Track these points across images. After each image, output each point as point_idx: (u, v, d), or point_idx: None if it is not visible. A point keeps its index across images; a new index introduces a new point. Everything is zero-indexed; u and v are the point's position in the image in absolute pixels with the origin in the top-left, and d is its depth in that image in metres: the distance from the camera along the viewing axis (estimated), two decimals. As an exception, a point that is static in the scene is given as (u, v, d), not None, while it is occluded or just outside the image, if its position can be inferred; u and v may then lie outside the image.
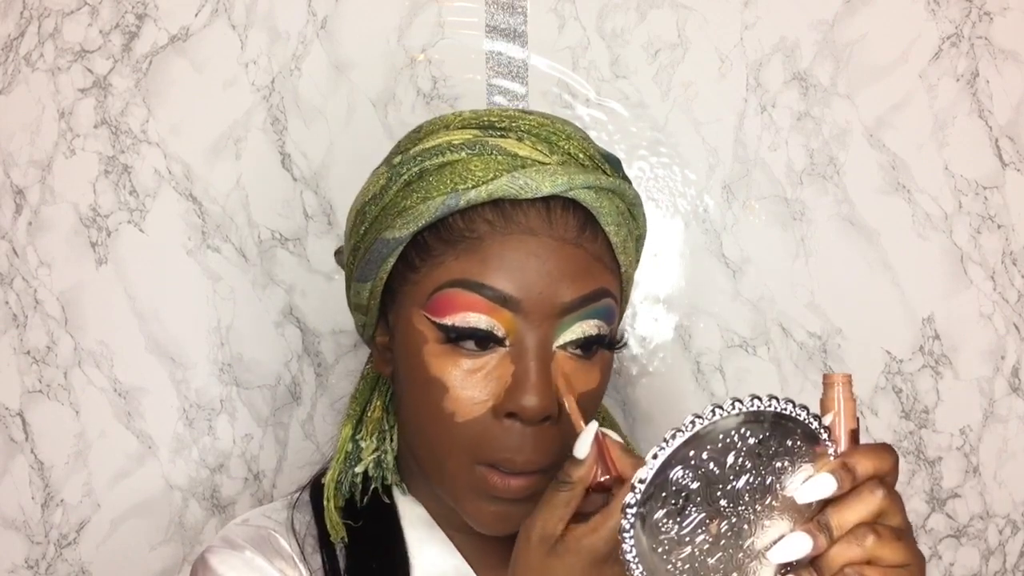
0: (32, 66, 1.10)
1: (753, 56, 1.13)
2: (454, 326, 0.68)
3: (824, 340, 1.14)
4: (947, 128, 1.14)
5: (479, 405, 0.68)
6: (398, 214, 0.70)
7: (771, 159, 1.13)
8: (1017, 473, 1.15)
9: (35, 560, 1.10)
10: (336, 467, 0.78)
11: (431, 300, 0.69)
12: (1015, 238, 1.15)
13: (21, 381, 1.10)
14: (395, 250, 0.71)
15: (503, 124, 0.71)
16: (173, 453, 1.11)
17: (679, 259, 1.14)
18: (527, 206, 0.68)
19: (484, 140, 0.70)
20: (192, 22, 1.11)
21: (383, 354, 0.77)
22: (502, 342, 0.68)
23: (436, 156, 0.70)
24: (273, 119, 1.11)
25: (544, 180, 0.68)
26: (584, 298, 0.69)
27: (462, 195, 0.68)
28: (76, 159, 1.10)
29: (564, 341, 0.69)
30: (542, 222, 0.69)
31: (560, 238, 0.69)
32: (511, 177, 0.68)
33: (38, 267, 1.10)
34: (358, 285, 0.75)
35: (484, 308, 0.67)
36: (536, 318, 0.68)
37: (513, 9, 1.12)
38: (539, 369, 0.67)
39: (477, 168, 0.69)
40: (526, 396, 0.67)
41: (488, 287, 0.67)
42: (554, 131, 0.72)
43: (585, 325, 0.69)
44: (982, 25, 1.14)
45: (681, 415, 1.13)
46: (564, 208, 0.69)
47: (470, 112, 0.73)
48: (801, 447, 0.58)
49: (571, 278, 0.69)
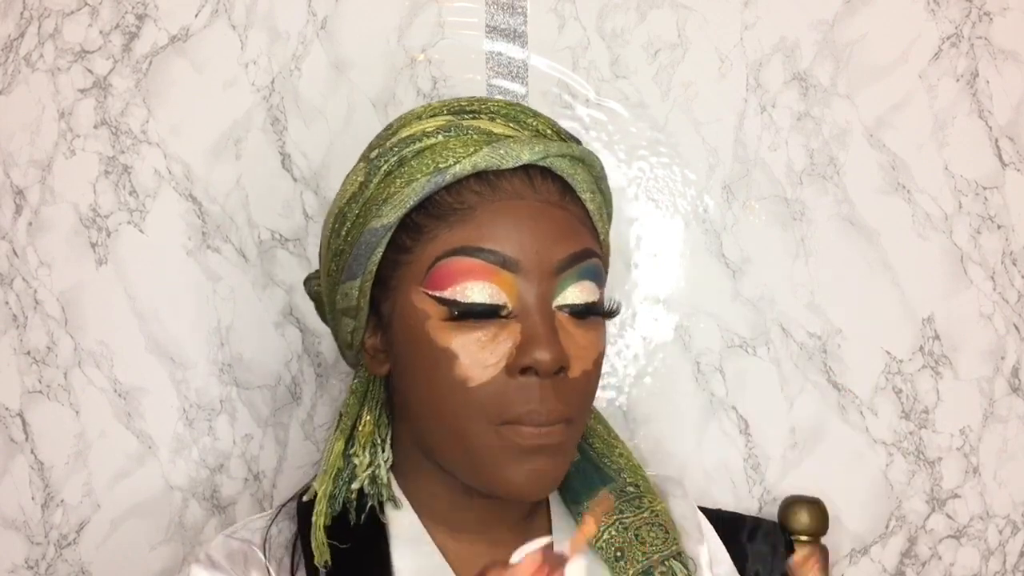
0: (32, 66, 1.10)
1: (753, 56, 1.13)
2: (456, 301, 0.69)
3: (824, 340, 1.14)
4: (947, 128, 1.14)
5: (491, 368, 0.69)
6: (383, 203, 0.72)
7: (771, 159, 1.13)
8: (1017, 473, 1.15)
9: (35, 560, 1.10)
10: (326, 483, 0.77)
11: (430, 274, 0.70)
12: (1015, 238, 1.15)
13: (21, 381, 1.10)
14: (384, 237, 0.72)
15: (473, 107, 0.75)
16: (173, 453, 1.11)
17: (679, 259, 1.14)
18: (510, 174, 0.71)
19: (458, 123, 0.73)
20: (192, 22, 1.11)
21: (375, 356, 0.77)
22: (504, 310, 0.70)
23: (414, 143, 0.72)
24: (273, 119, 1.11)
25: (523, 149, 0.71)
26: (575, 256, 0.71)
27: (447, 171, 0.70)
28: (76, 159, 1.10)
29: (562, 303, 0.71)
30: (526, 187, 0.71)
31: (546, 201, 0.72)
32: (491, 148, 0.71)
33: (38, 267, 1.10)
34: (345, 286, 0.75)
35: (484, 272, 0.69)
36: (534, 277, 0.70)
37: (513, 9, 1.12)
38: (546, 325, 0.69)
39: (457, 146, 0.71)
40: (539, 350, 0.68)
41: (487, 250, 0.69)
42: (521, 110, 0.76)
43: (579, 288, 0.72)
44: (982, 25, 1.14)
45: (681, 415, 1.13)
46: (543, 176, 0.72)
47: (439, 102, 0.76)
48: None
49: (563, 237, 0.71)
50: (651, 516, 0.79)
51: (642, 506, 0.80)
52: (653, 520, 0.79)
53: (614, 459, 0.83)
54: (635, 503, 0.80)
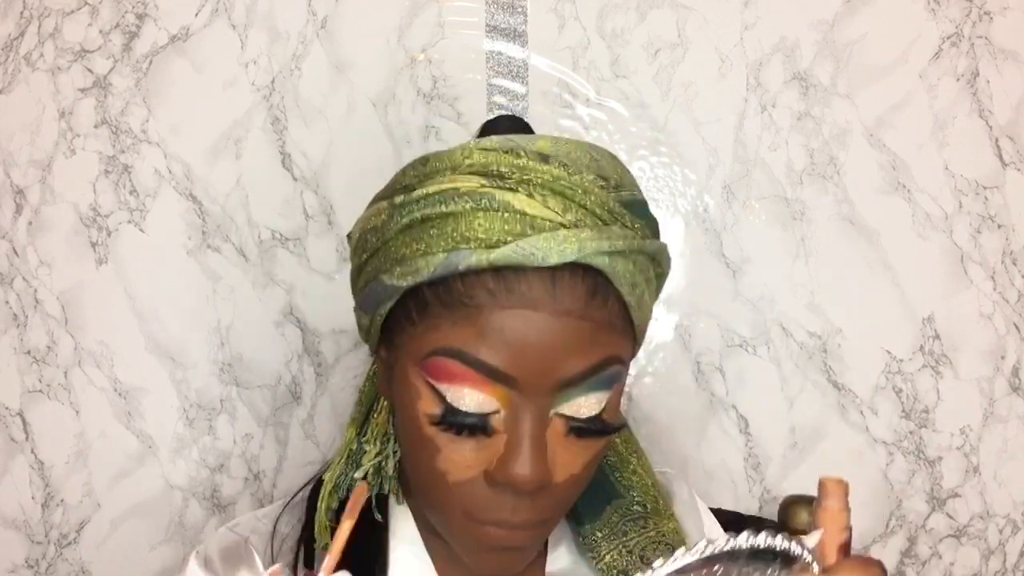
0: (32, 66, 1.10)
1: (753, 56, 1.13)
2: (447, 402, 0.65)
3: (824, 340, 1.14)
4: (947, 128, 1.14)
5: (471, 469, 0.66)
6: (397, 261, 0.66)
7: (771, 159, 1.13)
8: (1017, 473, 1.15)
9: (35, 560, 1.10)
10: (337, 468, 0.77)
11: (426, 362, 0.66)
12: (1015, 238, 1.15)
13: (21, 381, 1.10)
14: (392, 296, 0.67)
15: (514, 176, 0.65)
16: (173, 453, 1.11)
17: (679, 259, 1.14)
18: (531, 274, 0.63)
19: (491, 193, 0.64)
20: (192, 22, 1.11)
21: (386, 372, 0.74)
22: (491, 429, 0.65)
23: (439, 204, 0.65)
24: (273, 119, 1.11)
25: (552, 249, 0.63)
26: (587, 370, 0.65)
27: (463, 259, 0.63)
28: (76, 159, 1.10)
29: (562, 412, 0.66)
30: (546, 293, 0.64)
31: (564, 312, 0.64)
32: (515, 246, 0.63)
33: (38, 267, 1.10)
34: (359, 311, 0.73)
35: (477, 382, 0.64)
36: (532, 393, 0.64)
37: (513, 9, 1.12)
38: (532, 441, 0.64)
39: (481, 227, 0.64)
40: (518, 467, 0.64)
41: (483, 363, 0.64)
42: (570, 185, 0.65)
43: (584, 402, 0.66)
44: (982, 25, 1.14)
45: (681, 415, 1.14)
46: (572, 274, 0.64)
47: (479, 153, 0.66)
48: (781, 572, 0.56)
49: (574, 353, 0.64)
50: (657, 536, 0.77)
51: (647, 527, 0.77)
52: (659, 539, 0.77)
53: (626, 475, 0.81)
54: (640, 523, 0.77)
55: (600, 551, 0.76)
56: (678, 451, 1.13)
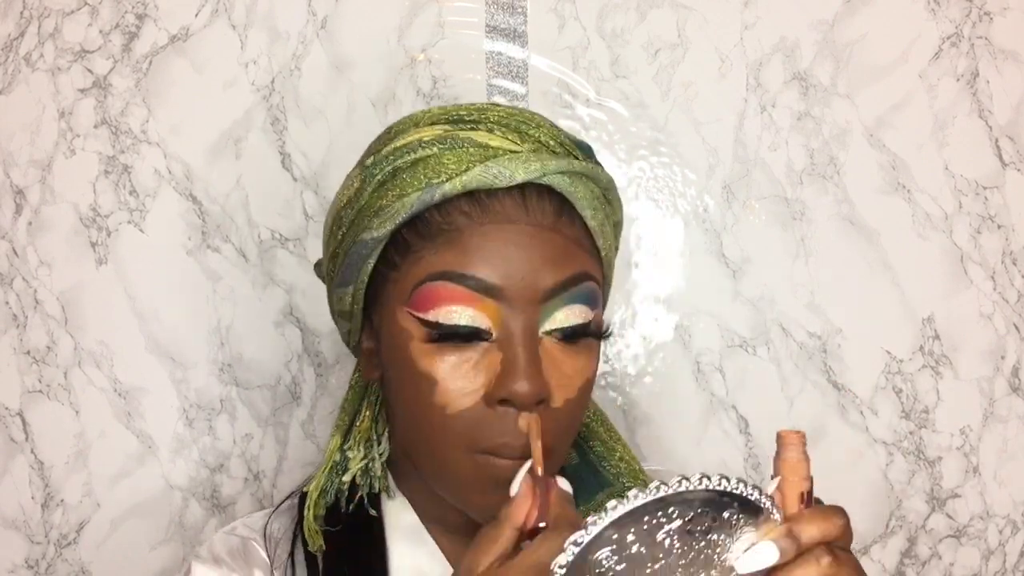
0: (32, 66, 1.10)
1: (753, 56, 1.13)
2: (438, 323, 0.68)
3: (824, 340, 1.14)
4: (947, 128, 1.14)
5: (470, 395, 0.68)
6: (374, 214, 0.70)
7: (771, 159, 1.13)
8: (1017, 473, 1.15)
9: (35, 560, 1.10)
10: (321, 477, 0.78)
11: (413, 295, 0.69)
12: (1015, 238, 1.15)
13: (21, 381, 1.10)
14: (374, 250, 0.71)
15: (472, 117, 0.72)
16: (173, 453, 1.11)
17: (679, 259, 1.14)
18: (502, 195, 0.69)
19: (455, 134, 0.71)
20: (192, 22, 1.11)
21: (370, 359, 0.76)
22: (487, 335, 0.68)
23: (408, 154, 0.70)
24: (273, 119, 1.11)
25: (517, 168, 0.68)
26: (565, 282, 0.69)
27: (436, 188, 0.68)
28: (76, 159, 1.10)
29: (549, 328, 0.69)
30: (518, 209, 0.69)
31: (537, 224, 0.69)
32: (484, 167, 0.68)
33: (38, 267, 1.10)
34: (340, 291, 0.75)
35: (467, 299, 0.67)
36: (520, 304, 0.68)
37: (513, 9, 1.12)
38: (527, 355, 0.67)
39: (450, 161, 0.69)
40: (518, 382, 0.66)
41: (470, 277, 0.67)
42: (523, 120, 0.73)
43: (569, 311, 0.69)
44: (982, 25, 1.14)
45: (681, 415, 1.14)
46: (539, 195, 0.69)
47: (438, 108, 0.74)
48: (739, 518, 0.56)
49: (552, 263, 0.69)
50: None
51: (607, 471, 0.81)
52: None
53: (614, 463, 0.83)
54: None
55: None
56: (678, 451, 1.13)
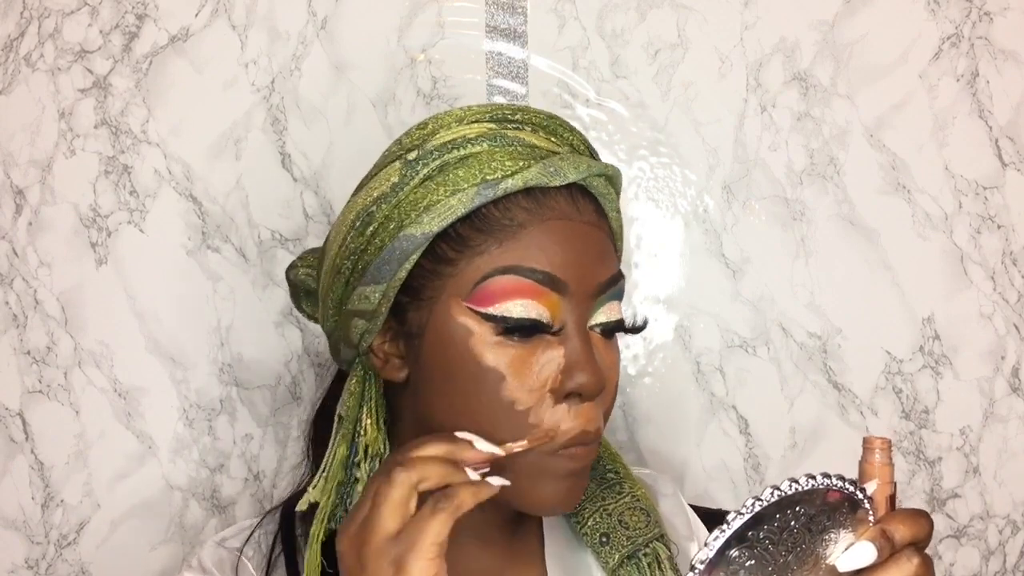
0: (32, 66, 1.10)
1: (753, 56, 1.13)
2: (503, 317, 0.69)
3: (824, 340, 1.14)
4: (947, 128, 1.14)
5: (537, 392, 0.69)
6: (424, 209, 0.70)
7: (771, 159, 1.13)
8: (1017, 473, 1.15)
9: (35, 560, 1.10)
10: (329, 497, 0.74)
11: (476, 290, 0.69)
12: (1015, 238, 1.15)
13: (21, 381, 1.10)
14: (421, 246, 0.70)
15: (516, 117, 0.74)
16: (173, 453, 1.11)
17: (679, 259, 1.14)
18: (555, 193, 0.71)
19: (502, 132, 0.72)
20: (192, 22, 1.11)
21: (388, 360, 0.75)
22: (548, 328, 0.70)
23: (456, 149, 0.71)
24: (273, 119, 1.11)
25: (569, 168, 0.71)
26: (612, 278, 0.72)
27: (498, 184, 0.69)
28: (76, 159, 1.10)
29: (595, 322, 0.72)
30: (571, 207, 0.71)
31: (587, 222, 0.72)
32: (542, 165, 0.70)
33: (38, 267, 1.10)
34: (365, 289, 0.73)
35: (533, 292, 0.69)
36: (577, 299, 0.70)
37: (513, 9, 1.12)
38: (585, 347, 0.70)
39: (504, 158, 0.71)
40: (585, 375, 0.69)
41: (539, 271, 0.69)
42: (559, 124, 0.75)
43: (609, 308, 0.72)
44: (982, 25, 1.14)
45: (681, 415, 1.13)
46: (583, 195, 0.72)
47: (478, 106, 0.74)
48: (846, 517, 0.60)
49: (602, 259, 0.72)
50: (632, 501, 0.80)
51: (623, 491, 0.81)
52: (635, 505, 0.80)
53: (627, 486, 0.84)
54: (616, 489, 0.81)
55: (583, 515, 0.79)
56: (678, 451, 1.13)
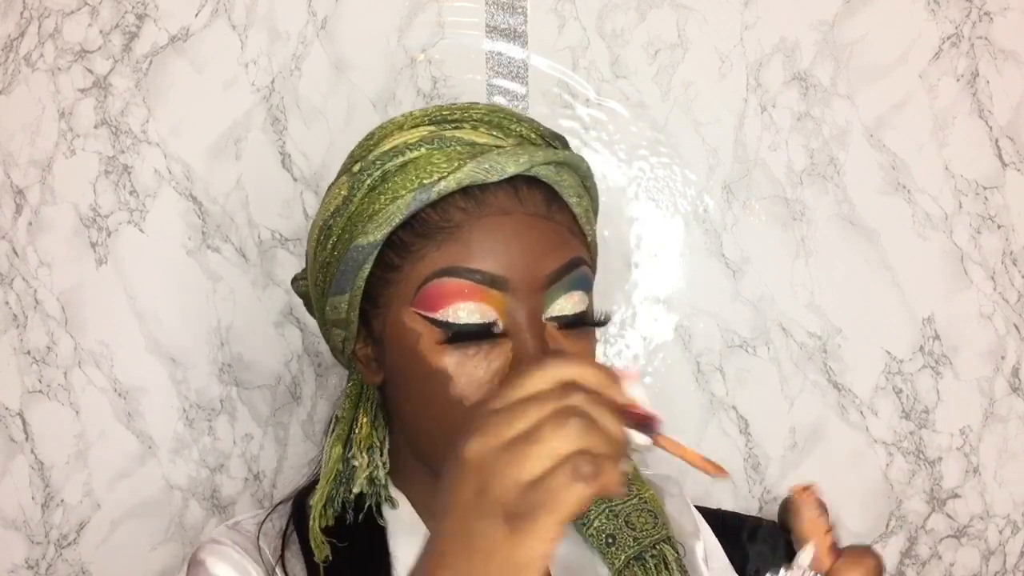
0: (32, 66, 1.10)
1: (753, 56, 1.13)
2: (448, 322, 0.68)
3: (824, 340, 1.14)
4: (947, 128, 1.14)
5: (485, 385, 0.69)
6: (368, 219, 0.71)
7: (771, 159, 1.13)
8: (1017, 473, 1.15)
9: (35, 560, 1.10)
10: (325, 488, 0.77)
11: (419, 294, 0.69)
12: (1015, 238, 1.15)
13: (21, 381, 1.10)
14: (370, 255, 0.71)
15: (455, 116, 0.74)
16: (173, 453, 1.11)
17: (679, 259, 1.14)
18: (495, 188, 0.70)
19: (441, 134, 0.72)
20: (192, 22, 1.11)
21: (368, 365, 0.77)
22: (496, 328, 0.69)
23: (396, 156, 0.71)
24: (273, 119, 1.11)
25: (507, 161, 0.70)
26: (565, 267, 0.71)
27: (432, 187, 0.69)
28: (76, 159, 1.10)
29: (551, 315, 0.70)
30: (512, 201, 0.70)
31: (532, 213, 0.71)
32: (476, 163, 0.69)
33: (38, 267, 1.10)
34: (335, 299, 0.75)
35: (474, 293, 0.68)
36: (524, 293, 0.69)
37: (513, 9, 1.12)
38: (536, 342, 0.69)
39: (440, 160, 0.70)
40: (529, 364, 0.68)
41: (476, 271, 0.68)
42: (504, 115, 0.75)
43: (568, 299, 0.71)
44: (982, 25, 1.14)
45: (681, 415, 1.13)
46: (529, 186, 0.71)
47: (419, 110, 0.74)
48: None
49: (550, 250, 0.70)
50: (639, 502, 0.80)
51: (630, 493, 0.81)
52: (642, 506, 0.80)
53: None
54: None
55: (589, 515, 0.79)
56: (678, 451, 1.13)
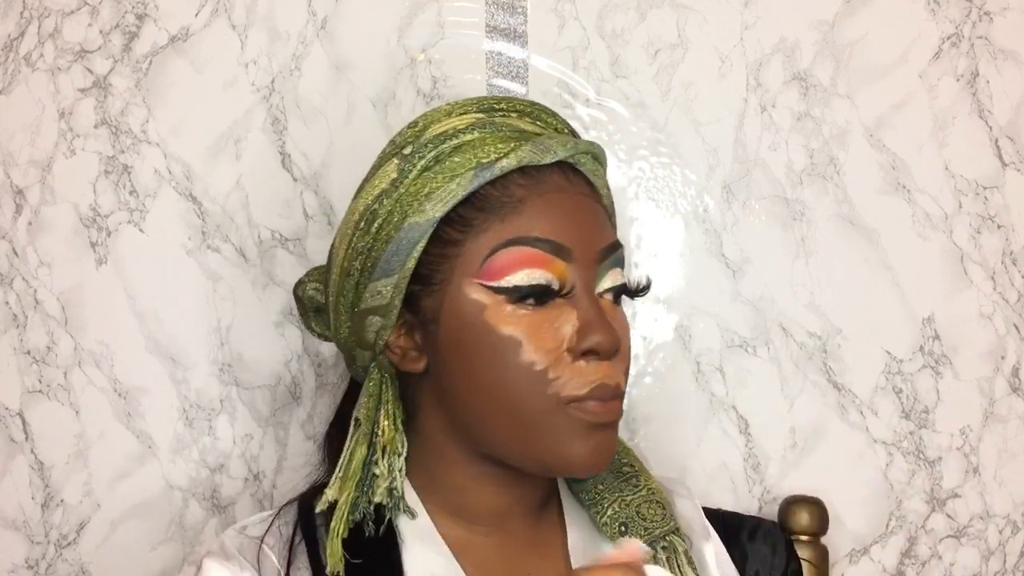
0: (32, 66, 1.10)
1: (753, 56, 1.13)
2: (515, 286, 0.72)
3: (824, 340, 1.14)
4: (947, 128, 1.14)
5: (554, 352, 0.72)
6: (426, 197, 0.74)
7: (771, 159, 1.13)
8: (1017, 473, 1.15)
9: (35, 560, 1.10)
10: (349, 492, 0.76)
11: (486, 265, 0.73)
12: (1015, 238, 1.15)
13: (21, 381, 1.10)
14: (427, 232, 0.74)
15: (501, 106, 0.78)
16: (173, 453, 1.11)
17: (679, 259, 1.14)
18: (547, 169, 0.75)
19: (491, 120, 0.77)
20: (192, 22, 1.11)
21: (405, 354, 0.77)
22: (559, 293, 0.73)
23: (449, 139, 0.75)
24: (273, 119, 1.11)
25: (557, 146, 0.75)
26: (613, 244, 0.77)
27: (493, 165, 0.73)
28: (76, 159, 1.10)
29: (602, 288, 0.75)
30: (564, 180, 0.76)
31: (583, 194, 0.76)
32: (532, 144, 0.74)
33: (38, 267, 1.10)
34: (376, 284, 0.75)
35: (541, 261, 0.72)
36: (583, 264, 0.74)
37: (513, 9, 1.12)
38: (596, 309, 0.74)
39: (495, 141, 0.75)
40: (600, 334, 0.72)
41: (544, 240, 0.73)
42: (542, 109, 0.80)
43: (613, 274, 0.76)
44: (982, 25, 1.14)
45: (681, 415, 1.13)
46: (573, 172, 0.77)
47: (464, 100, 0.79)
48: None
49: (601, 227, 0.77)
50: (648, 494, 0.82)
51: (639, 484, 0.82)
52: (651, 498, 0.81)
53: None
54: (632, 481, 0.82)
55: (603, 504, 0.81)
56: (678, 451, 1.13)
